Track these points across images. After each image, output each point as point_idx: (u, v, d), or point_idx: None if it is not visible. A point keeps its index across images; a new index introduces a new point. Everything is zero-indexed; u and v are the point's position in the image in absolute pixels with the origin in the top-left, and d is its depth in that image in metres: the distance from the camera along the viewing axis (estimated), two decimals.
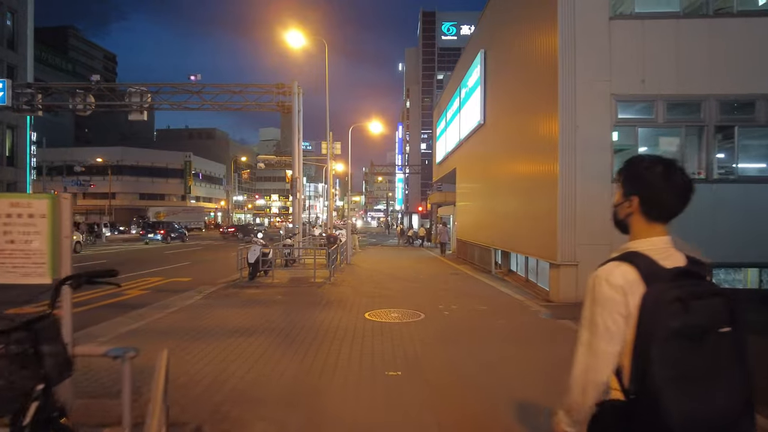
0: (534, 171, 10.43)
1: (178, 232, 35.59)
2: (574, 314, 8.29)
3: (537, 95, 10.25)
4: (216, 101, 18.18)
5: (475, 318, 7.36)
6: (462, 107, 18.72)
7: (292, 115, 17.46)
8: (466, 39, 68.02)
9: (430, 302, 8.68)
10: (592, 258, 9.40)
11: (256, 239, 12.31)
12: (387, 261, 18.42)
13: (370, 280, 12.10)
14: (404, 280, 12.07)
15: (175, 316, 7.41)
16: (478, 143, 16.43)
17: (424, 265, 16.73)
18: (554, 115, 9.22)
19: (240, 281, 11.44)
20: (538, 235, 10.12)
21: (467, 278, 12.89)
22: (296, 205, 17.12)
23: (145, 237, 33.37)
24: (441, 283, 11.76)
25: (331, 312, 7.69)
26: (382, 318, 7.23)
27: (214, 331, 6.37)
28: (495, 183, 14.08)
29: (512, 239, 12.24)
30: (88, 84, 17.82)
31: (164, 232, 33.61)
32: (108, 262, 18.06)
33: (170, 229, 34.53)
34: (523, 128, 11.21)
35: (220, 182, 79.35)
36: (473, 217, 17.60)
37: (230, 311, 7.79)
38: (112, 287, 2.46)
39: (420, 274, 13.60)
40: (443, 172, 24.95)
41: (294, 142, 17.40)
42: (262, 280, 11.69)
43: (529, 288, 11.17)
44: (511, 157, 12.38)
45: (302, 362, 4.96)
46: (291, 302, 8.65)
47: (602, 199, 9.07)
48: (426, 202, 45.41)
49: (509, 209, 12.47)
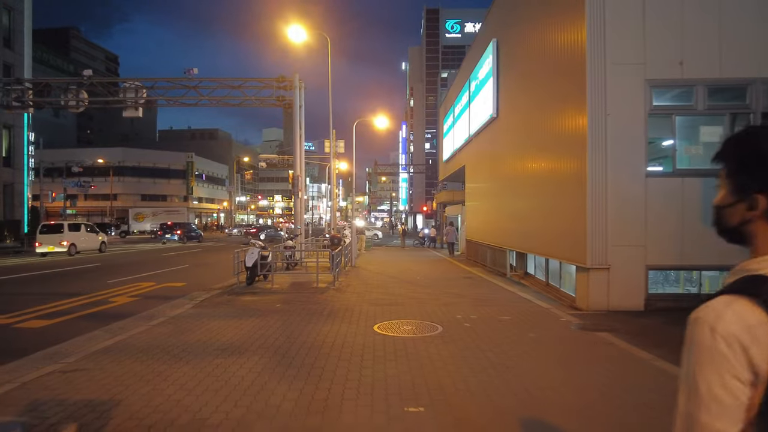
0: (558, 166, 9.51)
1: (195, 232, 36.98)
2: (611, 325, 7.42)
3: (561, 83, 9.33)
4: (214, 96, 17.35)
5: (500, 331, 6.45)
6: (472, 101, 17.80)
7: (293, 110, 16.62)
8: (470, 37, 67.50)
9: (445, 311, 7.78)
10: (626, 261, 8.48)
11: (254, 241, 11.44)
12: (394, 263, 17.53)
13: (378, 284, 11.22)
14: (414, 285, 11.17)
15: (160, 330, 6.55)
16: (490, 138, 15.51)
17: (434, 268, 15.83)
18: (582, 104, 8.31)
19: (237, 287, 10.58)
20: (562, 236, 9.20)
21: (482, 282, 11.97)
22: (298, 205, 16.26)
23: (162, 237, 34.87)
24: (454, 287, 10.86)
25: (335, 324, 6.81)
26: (394, 331, 6.33)
27: (200, 349, 5.50)
28: (510, 180, 13.16)
29: (531, 240, 11.32)
30: (80, 79, 17.03)
31: (181, 232, 35.12)
32: (101, 265, 17.26)
33: (187, 230, 35.99)
34: (544, 120, 10.30)
35: (223, 183, 78.72)
36: (485, 216, 16.68)
37: (222, 323, 6.92)
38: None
39: (430, 278, 12.70)
40: (450, 171, 24.04)
41: (295, 139, 16.55)
42: (260, 285, 10.83)
43: (551, 293, 10.25)
44: (528, 151, 11.46)
45: (301, 393, 4.07)
46: (291, 312, 7.77)
47: (636, 195, 8.18)
48: (431, 202, 44.47)
49: (527, 208, 11.56)
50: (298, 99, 16.56)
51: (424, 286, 10.96)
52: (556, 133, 9.58)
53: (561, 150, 9.29)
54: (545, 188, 10.24)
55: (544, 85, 10.23)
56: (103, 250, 24.07)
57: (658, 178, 8.27)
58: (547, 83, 10.05)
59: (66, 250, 21.27)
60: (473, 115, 17.54)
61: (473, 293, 9.94)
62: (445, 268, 15.98)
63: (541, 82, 10.45)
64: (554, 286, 10.51)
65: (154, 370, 4.71)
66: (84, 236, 22.88)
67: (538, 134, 10.61)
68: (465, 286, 11.25)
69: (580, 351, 5.57)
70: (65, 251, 21.24)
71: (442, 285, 11.27)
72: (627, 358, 5.25)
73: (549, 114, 9.97)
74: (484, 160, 16.61)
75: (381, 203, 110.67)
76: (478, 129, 16.76)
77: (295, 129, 16.59)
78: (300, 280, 11.81)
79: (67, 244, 21.30)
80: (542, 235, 10.39)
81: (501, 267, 14.16)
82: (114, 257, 21.26)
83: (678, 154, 8.32)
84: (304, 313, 7.60)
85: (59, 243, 21.21)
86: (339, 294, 9.65)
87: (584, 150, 8.22)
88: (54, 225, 22.26)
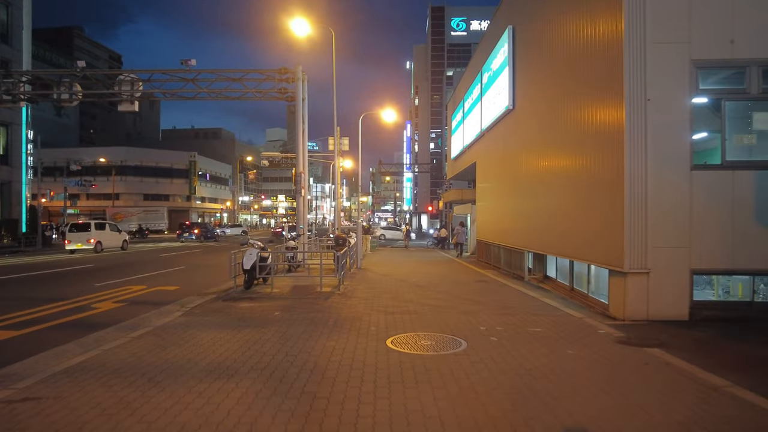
0: (588, 160, 8.58)
1: (212, 232, 38.80)
2: (658, 338, 6.10)
3: (593, 68, 8.41)
4: (213, 89, 16.51)
5: (533, 346, 5.55)
6: (484, 94, 16.88)
7: (296, 103, 15.76)
8: (476, 35, 66.55)
9: (466, 321, 6.88)
10: (667, 264, 7.50)
11: (252, 241, 10.57)
12: (401, 265, 16.63)
13: (386, 289, 10.32)
14: (426, 289, 10.27)
15: (140, 343, 5.68)
16: (505, 132, 14.58)
17: (444, 270, 14.92)
18: (618, 89, 7.38)
19: (233, 291, 9.71)
20: (593, 236, 8.28)
21: (499, 286, 11.05)
22: (301, 203, 15.39)
23: (181, 236, 37.08)
24: (471, 292, 9.95)
25: (342, 337, 5.92)
26: (410, 347, 5.44)
27: (182, 370, 4.63)
28: (528, 176, 12.23)
29: (553, 241, 10.40)
30: (72, 71, 16.23)
31: (198, 231, 37.34)
32: (94, 266, 16.46)
33: (204, 230, 38.23)
34: (572, 110, 9.37)
35: (226, 183, 78.06)
36: (498, 215, 15.75)
37: (212, 335, 6.04)
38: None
39: (443, 282, 11.79)
40: (459, 168, 23.11)
41: (298, 134, 15.69)
42: (259, 290, 9.96)
43: (576, 298, 9.33)
44: (551, 145, 10.53)
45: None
46: (291, 321, 6.89)
47: (679, 190, 7.25)
48: (437, 202, 43.52)
49: (549, 206, 10.63)
50: (300, 91, 15.70)
51: (437, 291, 10.05)
52: (586, 124, 8.66)
53: (592, 142, 8.36)
54: (572, 184, 9.31)
55: (572, 72, 9.30)
56: (125, 248, 25.64)
57: (705, 171, 7.32)
58: (576, 69, 9.12)
59: (93, 247, 22.97)
60: (486, 109, 16.62)
61: (492, 299, 9.03)
62: (455, 270, 15.07)
63: (568, 69, 9.52)
64: (580, 292, 9.59)
65: (121, 400, 3.84)
66: (109, 235, 24.65)
67: (564, 126, 9.69)
68: (481, 290, 10.33)
69: (634, 374, 4.65)
70: (92, 248, 22.94)
71: (457, 289, 10.36)
72: (694, 384, 4.33)
73: (577, 103, 9.04)
74: (497, 156, 15.68)
75: (385, 203, 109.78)
76: (491, 123, 15.84)
77: (297, 124, 15.73)
78: (302, 283, 10.93)
79: (93, 242, 23.03)
80: (568, 236, 9.47)
81: (517, 270, 13.23)
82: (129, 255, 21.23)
83: (728, 144, 7.38)
84: (306, 324, 6.71)
85: (87, 241, 22.93)
86: (345, 300, 8.76)
87: (621, 140, 7.30)
88: (82, 224, 24.15)
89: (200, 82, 16.47)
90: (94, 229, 23.54)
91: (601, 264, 8.06)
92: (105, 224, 25.34)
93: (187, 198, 66.94)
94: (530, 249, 12.23)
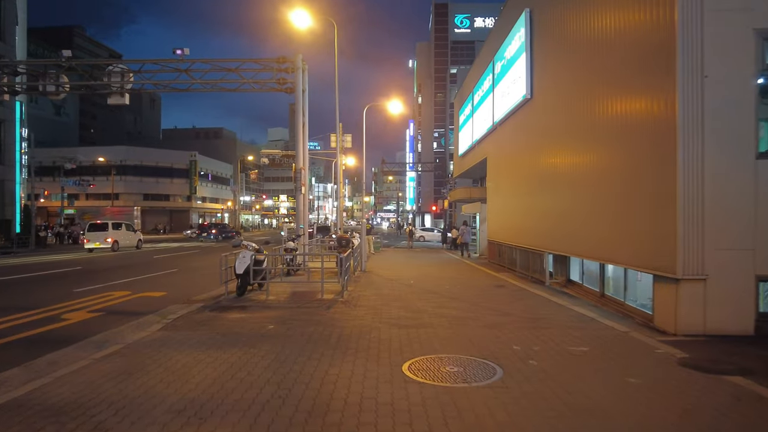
0: (627, 150, 7.49)
1: (230, 232, 40.08)
2: (733, 361, 4.53)
3: (635, 44, 7.34)
4: (207, 80, 15.49)
5: (583, 372, 4.48)
6: (496, 84, 15.81)
7: (295, 94, 14.73)
8: (479, 32, 65.47)
9: (494, 338, 5.81)
10: (728, 269, 6.23)
11: (246, 243, 9.53)
12: (407, 267, 15.56)
13: (395, 295, 9.26)
14: (440, 296, 9.21)
15: (102, 367, 4.65)
16: (521, 125, 13.50)
17: (455, 273, 13.84)
18: (669, 65, 6.32)
19: (224, 299, 8.67)
20: (634, 238, 7.19)
21: (520, 292, 9.98)
22: (301, 201, 14.35)
23: (200, 236, 39.38)
24: (490, 300, 8.88)
25: (347, 360, 4.86)
26: (433, 376, 4.37)
27: (143, 410, 3.58)
28: (550, 171, 11.15)
29: (581, 242, 9.32)
30: (58, 61, 15.24)
31: (216, 232, 39.55)
32: (82, 269, 15.46)
33: (222, 230, 40.04)
34: (605, 93, 8.29)
35: (228, 182, 77.11)
36: (513, 214, 14.67)
37: (190, 357, 5.00)
38: None
39: (456, 287, 10.73)
40: (468, 165, 22.02)
41: (298, 128, 14.65)
42: (253, 297, 8.91)
43: (610, 306, 8.25)
44: (580, 135, 9.45)
45: None
46: (287, 338, 5.84)
47: (742, 182, 6.17)
48: (442, 201, 42.43)
49: (576, 203, 9.56)
50: (300, 82, 14.67)
51: (453, 298, 8.98)
52: (626, 109, 7.57)
53: (635, 129, 7.28)
54: (606, 179, 8.23)
55: (609, 51, 8.21)
56: (139, 247, 26.42)
57: None
58: (613, 47, 8.04)
59: (110, 246, 23.91)
60: (498, 100, 15.55)
61: (517, 309, 7.95)
62: (467, 273, 13.99)
63: (603, 48, 8.44)
64: (614, 299, 8.51)
65: None
66: (125, 234, 25.69)
67: (597, 113, 8.60)
68: (502, 297, 9.26)
69: (728, 417, 3.58)
70: (109, 247, 23.85)
71: (474, 296, 9.30)
72: None
73: (614, 84, 7.96)
74: (512, 151, 14.60)
75: (387, 203, 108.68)
76: (504, 115, 14.76)
77: (297, 117, 14.70)
78: (301, 289, 9.87)
79: (111, 241, 23.99)
80: (602, 237, 8.38)
81: (536, 273, 12.16)
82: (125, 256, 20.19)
83: None
84: (304, 341, 5.66)
85: (104, 240, 23.88)
86: (349, 310, 7.71)
87: (672, 125, 6.22)
88: (100, 224, 25.07)
89: (194, 73, 15.46)
90: (111, 228, 24.45)
91: (646, 269, 6.97)
92: (121, 224, 26.39)
93: (187, 198, 66.04)
94: (552, 251, 11.14)
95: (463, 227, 21.96)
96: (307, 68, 15.06)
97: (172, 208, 65.45)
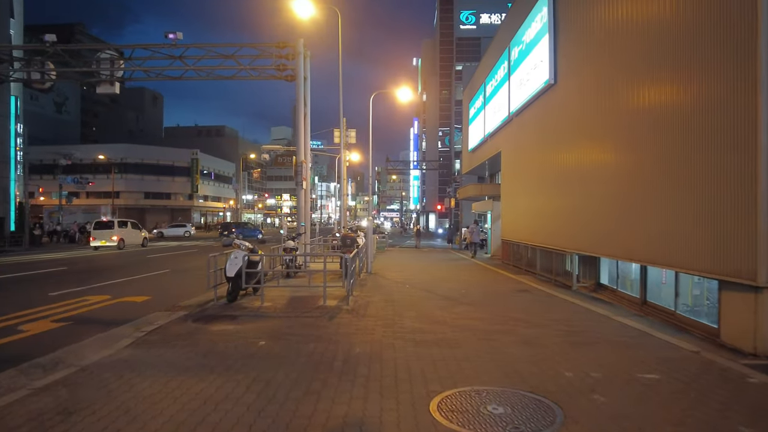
0: (681, 137, 6.35)
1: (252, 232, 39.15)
2: None
3: (696, 6, 6.20)
4: (202, 66, 14.43)
5: (671, 414, 3.36)
6: (513, 72, 14.67)
7: (296, 82, 13.65)
8: (485, 28, 64.28)
9: (536, 360, 4.69)
10: None
11: (239, 242, 8.43)
12: (417, 268, 14.45)
13: (408, 302, 8.15)
14: (459, 303, 8.09)
15: (37, 403, 3.56)
16: (542, 113, 12.36)
17: (470, 275, 12.72)
18: (747, 21, 5.19)
19: (212, 306, 7.58)
20: (696, 236, 6.05)
21: (548, 299, 8.85)
22: (302, 197, 13.28)
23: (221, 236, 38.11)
24: (517, 308, 7.75)
25: (357, 395, 3.75)
26: (472, 422, 3.23)
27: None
28: (578, 165, 10.02)
29: (623, 241, 8.16)
30: (41, 46, 14.21)
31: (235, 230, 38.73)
32: (67, 269, 14.43)
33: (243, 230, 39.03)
34: (655, 76, 7.15)
35: (230, 181, 76.18)
36: (532, 212, 13.52)
37: (155, 388, 3.91)
38: None
39: (475, 291, 9.61)
40: (480, 160, 20.86)
41: (299, 118, 13.58)
42: (246, 303, 7.82)
43: (655, 315, 7.12)
44: (621, 122, 8.30)
45: None
46: (280, 359, 4.74)
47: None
48: (448, 200, 41.24)
49: (615, 199, 8.41)
50: (302, 69, 13.59)
51: (474, 306, 7.87)
52: (686, 90, 6.43)
53: (696, 110, 6.13)
54: (654, 170, 7.09)
55: (660, 19, 7.07)
56: (144, 245, 26.24)
57: None
58: (662, 17, 6.90)
59: (116, 244, 23.79)
60: (515, 89, 14.41)
61: (550, 319, 6.83)
62: (483, 275, 12.87)
63: (650, 18, 7.30)
64: (660, 307, 7.37)
65: None
66: (130, 232, 25.44)
67: (644, 97, 7.46)
68: (529, 305, 8.14)
69: None
70: (115, 245, 23.73)
71: (497, 303, 8.18)
72: None
73: (669, 65, 6.81)
74: (531, 142, 13.45)
75: (391, 202, 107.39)
76: (522, 104, 13.62)
77: (299, 107, 13.62)
78: (301, 294, 8.77)
79: (117, 239, 23.92)
80: (649, 235, 7.23)
81: (559, 276, 11.03)
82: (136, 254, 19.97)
83: None
84: (301, 363, 4.56)
85: (110, 238, 23.81)
86: (356, 320, 6.60)
87: (753, 100, 5.09)
88: (106, 222, 25.20)
89: (189, 60, 14.40)
90: (117, 227, 24.36)
91: (711, 274, 5.83)
92: (127, 222, 26.08)
93: (188, 197, 65.15)
94: (580, 251, 10.01)
95: (472, 226, 20.94)
96: (309, 55, 14.00)
97: (174, 207, 64.55)
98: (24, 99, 32.36)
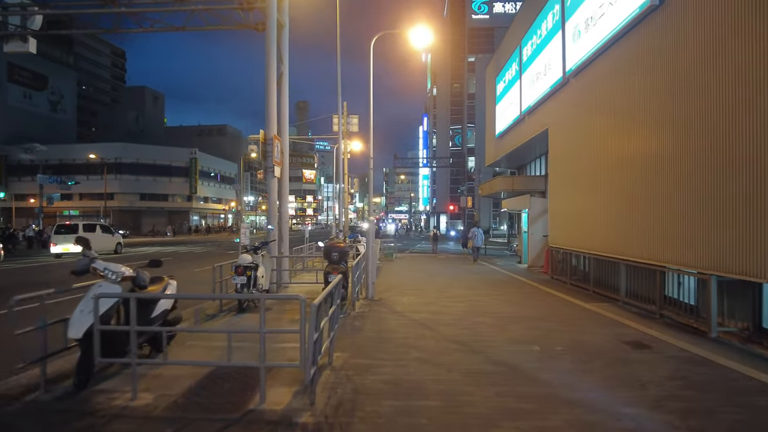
0: None
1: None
2: None
3: None
4: (136, 10, 10.50)
5: None
6: (568, 18, 10.54)
7: (267, 30, 9.66)
8: (499, 18, 59.99)
9: None
10: None
11: (105, 265, 4.42)
12: (440, 286, 10.30)
13: (446, 387, 4.07)
14: (551, 387, 4.01)
15: None
16: (632, 63, 8.21)
17: (526, 303, 8.55)
18: None
19: (30, 401, 3.59)
20: None
21: (696, 367, 4.70)
22: (274, 189, 9.25)
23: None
24: (663, 396, 3.63)
25: None
26: None
27: None
28: (709, 137, 5.88)
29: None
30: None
31: None
32: None
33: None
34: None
35: (232, 182, 72.65)
36: (612, 211, 9.36)
37: None
38: None
39: (556, 347, 5.49)
40: (511, 146, 16.64)
41: (270, 79, 9.57)
42: (106, 391, 3.81)
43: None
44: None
45: None
46: None
47: None
48: (464, 198, 37.04)
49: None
50: (275, 11, 9.61)
51: (574, 399, 3.78)
52: None
53: None
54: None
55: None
56: (119, 251, 22.80)
57: None
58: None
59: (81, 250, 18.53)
60: (572, 41, 10.28)
61: None
62: (546, 305, 8.68)
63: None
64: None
65: None
66: (99, 237, 21.76)
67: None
68: (675, 382, 4.01)
69: None
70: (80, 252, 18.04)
71: (616, 387, 4.08)
72: None
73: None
74: (608, 107, 9.29)
75: (399, 203, 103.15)
76: (591, 53, 9.48)
77: (269, 60, 9.61)
78: (225, 367, 4.66)
79: None
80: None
81: (673, 309, 6.88)
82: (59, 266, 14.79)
83: None
84: None
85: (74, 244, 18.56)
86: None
87: None
88: (70, 226, 21.99)
89: (125, 5, 10.49)
90: (81, 230, 20.79)
91: None
92: (95, 226, 22.96)
93: (187, 198, 61.70)
94: (725, 273, 5.83)
95: (473, 230, 18.57)
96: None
97: (171, 209, 61.12)
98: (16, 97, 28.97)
